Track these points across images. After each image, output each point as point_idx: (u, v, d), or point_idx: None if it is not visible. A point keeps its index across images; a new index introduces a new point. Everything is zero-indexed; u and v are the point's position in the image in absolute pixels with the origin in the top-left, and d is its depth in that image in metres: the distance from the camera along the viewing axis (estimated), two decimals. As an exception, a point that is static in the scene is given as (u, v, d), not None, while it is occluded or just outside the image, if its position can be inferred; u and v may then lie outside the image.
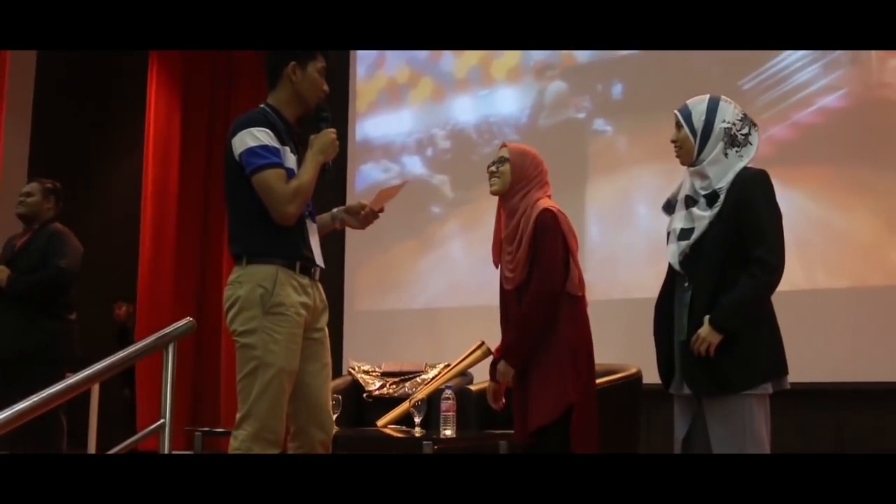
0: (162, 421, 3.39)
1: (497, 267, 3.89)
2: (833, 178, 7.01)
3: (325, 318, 3.42)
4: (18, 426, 2.79)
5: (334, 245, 9.68)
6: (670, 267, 3.34)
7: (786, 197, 3.22)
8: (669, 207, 3.43)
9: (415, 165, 9.13)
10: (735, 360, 3.12)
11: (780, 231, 3.19)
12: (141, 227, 9.44)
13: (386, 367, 6.21)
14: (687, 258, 3.26)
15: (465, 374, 5.85)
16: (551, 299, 3.59)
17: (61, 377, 3.41)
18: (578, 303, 3.70)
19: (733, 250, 3.16)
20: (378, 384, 6.04)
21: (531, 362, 3.64)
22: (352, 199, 9.43)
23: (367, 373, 6.14)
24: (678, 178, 3.49)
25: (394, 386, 6.01)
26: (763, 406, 3.15)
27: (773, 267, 3.13)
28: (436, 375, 5.92)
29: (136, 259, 9.60)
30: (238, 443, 3.19)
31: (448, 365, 5.96)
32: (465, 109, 8.73)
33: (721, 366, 3.13)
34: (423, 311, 9.00)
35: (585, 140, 7.90)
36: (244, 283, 3.21)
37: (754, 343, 3.14)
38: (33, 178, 6.03)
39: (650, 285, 3.94)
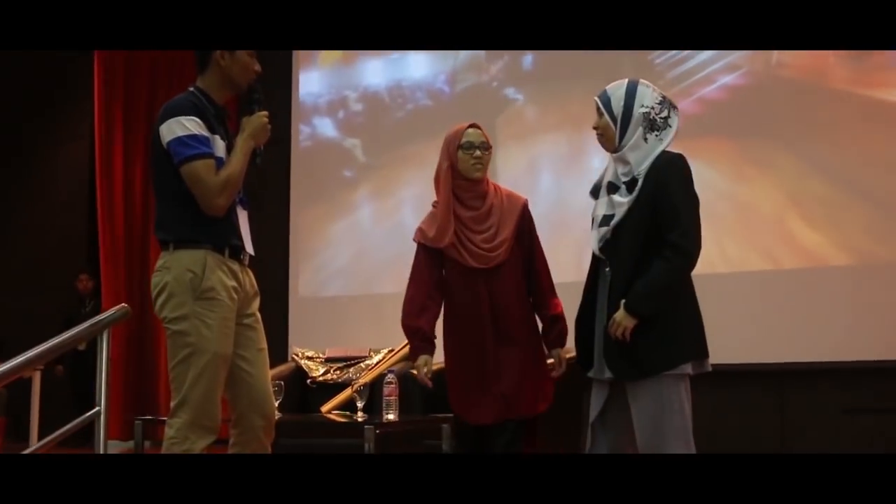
0: (97, 409, 3.35)
1: (441, 244, 3.82)
2: (735, 153, 7.24)
3: (256, 304, 3.39)
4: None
5: (279, 232, 9.66)
6: (594, 253, 3.36)
7: (693, 169, 3.24)
8: (595, 193, 3.42)
9: (326, 127, 9.20)
10: (652, 343, 3.14)
11: (694, 215, 3.19)
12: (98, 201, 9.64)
13: (330, 353, 6.19)
14: (607, 244, 3.27)
15: (412, 361, 5.84)
16: None
17: None
18: None
19: (651, 235, 3.17)
20: (322, 370, 6.03)
21: (530, 343, 3.78)
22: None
23: (310, 359, 6.12)
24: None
25: (338, 372, 6.00)
26: (683, 386, 3.17)
27: (687, 251, 3.14)
28: (380, 360, 5.92)
29: (86, 235, 9.80)
30: (174, 431, 3.15)
31: (392, 350, 5.97)
32: (376, 72, 8.83)
33: (638, 349, 3.15)
34: (368, 296, 9.01)
35: (497, 108, 7.99)
36: (172, 268, 3.16)
37: (671, 325, 3.16)
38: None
39: (559, 261, 4.08)
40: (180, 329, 3.14)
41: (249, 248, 3.34)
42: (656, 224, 3.17)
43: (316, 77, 9.53)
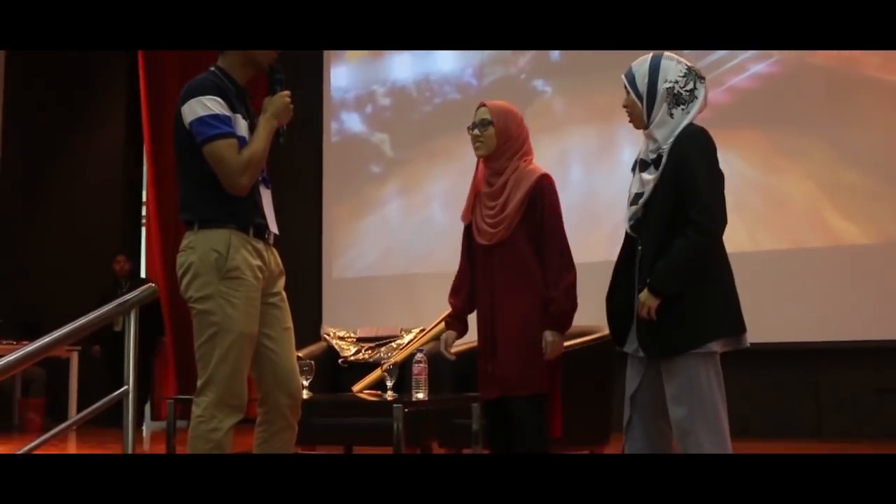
0: (125, 387, 3.37)
1: (465, 222, 3.91)
2: (766, 142, 7.18)
3: (281, 283, 3.39)
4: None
5: (312, 214, 9.71)
6: (627, 231, 3.35)
7: (723, 160, 3.19)
8: (634, 169, 3.39)
9: (353, 122, 9.21)
10: (676, 322, 3.12)
11: (715, 189, 3.15)
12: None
13: (361, 333, 6.20)
14: (638, 221, 3.26)
15: (440, 339, 5.84)
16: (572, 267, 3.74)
17: None
18: None
19: (677, 211, 3.14)
20: (353, 350, 6.04)
21: (528, 323, 3.72)
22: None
23: (342, 339, 6.13)
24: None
25: (369, 351, 6.00)
26: (710, 365, 3.14)
27: (707, 228, 3.10)
28: (411, 340, 5.92)
29: (120, 218, 9.80)
30: (201, 409, 3.17)
31: (423, 329, 5.97)
32: (404, 67, 8.84)
33: (662, 328, 3.14)
34: (402, 276, 9.04)
35: (525, 100, 7.96)
36: (197, 248, 3.16)
37: (696, 303, 3.13)
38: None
39: (589, 251, 4.04)
40: (205, 308, 3.15)
41: (274, 227, 3.34)
42: (679, 199, 3.14)
43: (344, 72, 9.60)
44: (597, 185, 7.78)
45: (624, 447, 3.36)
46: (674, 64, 3.24)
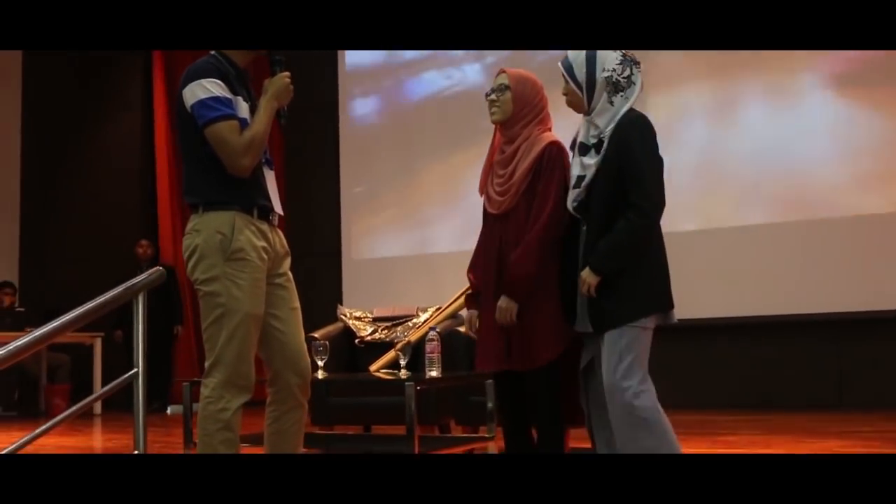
0: (135, 370, 3.39)
1: (482, 194, 3.86)
2: None
3: (287, 263, 3.40)
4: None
5: (331, 194, 9.74)
6: (570, 212, 3.48)
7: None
8: (573, 148, 3.53)
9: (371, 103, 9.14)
10: (614, 298, 3.31)
11: (655, 174, 3.31)
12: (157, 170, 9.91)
13: (378, 313, 6.21)
14: (581, 203, 3.40)
15: (455, 317, 5.86)
16: (556, 240, 3.58)
17: None
18: None
19: (618, 193, 3.29)
20: (370, 330, 6.05)
21: (532, 297, 3.61)
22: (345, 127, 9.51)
23: (358, 319, 6.15)
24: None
25: (385, 331, 6.02)
26: (644, 338, 3.31)
27: (646, 211, 3.27)
28: (427, 319, 5.93)
29: (140, 203, 9.99)
30: (209, 390, 3.19)
31: (439, 308, 5.97)
32: None
33: (603, 304, 3.32)
34: (422, 256, 9.05)
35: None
36: (202, 230, 3.18)
37: (633, 281, 3.30)
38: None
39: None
40: (211, 290, 3.18)
41: (278, 209, 3.35)
42: (621, 183, 3.28)
43: (361, 52, 9.56)
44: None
45: (591, 436, 3.51)
46: (609, 52, 3.35)
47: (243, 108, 3.23)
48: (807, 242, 7.44)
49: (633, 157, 3.27)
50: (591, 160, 3.34)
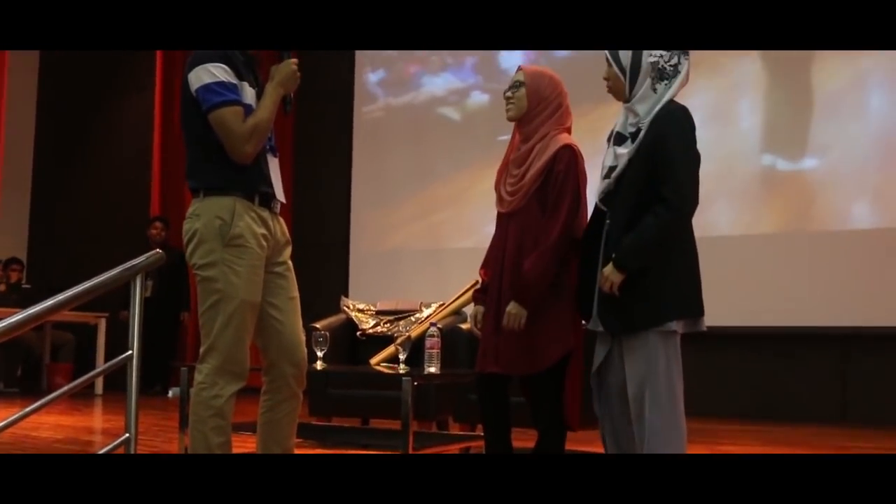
0: (130, 352, 3.37)
1: (497, 189, 3.76)
2: None
3: (287, 252, 3.37)
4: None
5: (342, 186, 9.72)
6: (597, 204, 3.32)
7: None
8: (609, 139, 3.35)
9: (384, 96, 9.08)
10: (639, 299, 3.11)
11: (690, 170, 3.11)
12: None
13: (381, 306, 6.20)
14: (608, 195, 3.24)
15: (459, 313, 5.84)
16: (567, 247, 3.49)
17: None
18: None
19: (648, 188, 3.11)
20: (372, 323, 6.04)
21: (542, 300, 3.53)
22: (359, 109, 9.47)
23: (361, 311, 6.13)
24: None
25: (388, 325, 6.01)
26: (671, 345, 3.13)
27: (677, 207, 3.08)
28: (430, 314, 5.90)
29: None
30: (203, 376, 3.18)
31: (443, 304, 5.95)
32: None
33: (625, 304, 3.13)
34: (431, 251, 9.03)
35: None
36: (202, 215, 3.17)
37: (660, 281, 3.12)
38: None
39: None
40: (209, 276, 3.16)
41: (280, 196, 3.33)
42: (653, 176, 3.11)
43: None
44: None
45: (603, 440, 3.35)
46: None
47: (249, 94, 3.20)
48: (815, 254, 7.39)
49: (668, 148, 3.08)
50: (625, 150, 3.16)
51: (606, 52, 3.25)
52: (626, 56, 3.20)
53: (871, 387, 7.30)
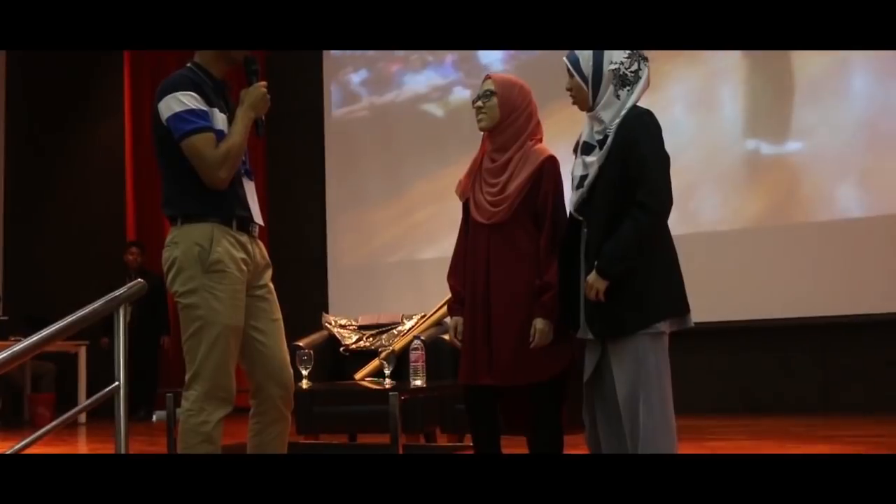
0: (116, 384, 3.36)
1: (462, 199, 3.75)
2: None
3: (268, 275, 3.37)
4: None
5: (316, 201, 9.70)
6: (571, 213, 3.35)
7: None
8: (576, 150, 3.39)
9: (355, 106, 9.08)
10: (625, 303, 3.14)
11: (662, 171, 3.15)
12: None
13: (363, 321, 6.19)
14: (583, 204, 3.26)
15: (440, 324, 5.83)
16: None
17: None
18: None
19: (623, 193, 3.14)
20: (355, 338, 6.03)
21: (523, 310, 3.51)
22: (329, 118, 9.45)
23: (343, 327, 6.12)
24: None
25: (370, 339, 6.00)
26: (660, 345, 3.16)
27: (654, 210, 3.11)
28: (412, 326, 5.91)
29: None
30: (189, 403, 3.19)
31: (424, 315, 5.95)
32: None
33: (612, 309, 3.15)
34: (409, 262, 9.02)
35: None
36: (180, 243, 3.18)
37: (644, 284, 3.15)
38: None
39: None
40: (190, 303, 3.16)
41: (258, 219, 3.33)
42: (627, 181, 3.14)
43: (345, 55, 9.56)
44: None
45: (589, 447, 3.37)
46: None
47: (220, 120, 3.21)
48: (792, 246, 7.42)
49: (639, 152, 3.12)
50: (594, 158, 3.19)
51: (567, 61, 3.29)
52: (587, 65, 3.24)
53: (851, 376, 7.35)
